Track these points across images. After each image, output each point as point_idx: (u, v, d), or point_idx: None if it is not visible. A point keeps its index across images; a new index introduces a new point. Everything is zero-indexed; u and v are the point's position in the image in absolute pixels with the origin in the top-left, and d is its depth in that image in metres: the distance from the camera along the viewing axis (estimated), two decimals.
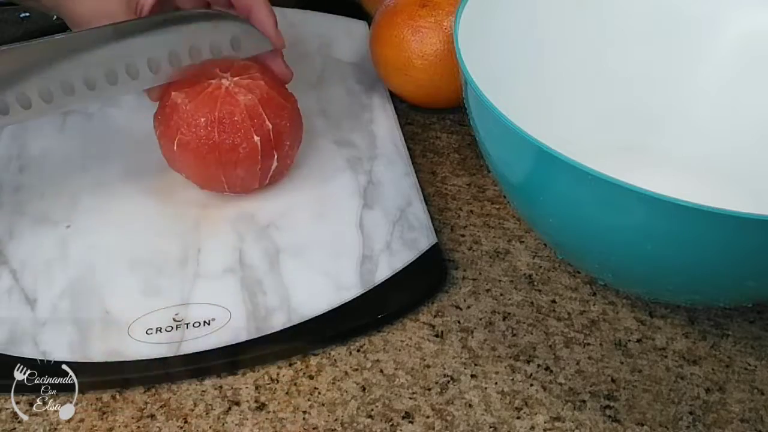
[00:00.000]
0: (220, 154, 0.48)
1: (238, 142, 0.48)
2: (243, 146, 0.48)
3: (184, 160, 0.49)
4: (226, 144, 0.47)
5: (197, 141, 0.47)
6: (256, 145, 0.48)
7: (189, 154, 0.48)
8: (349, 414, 0.41)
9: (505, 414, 0.41)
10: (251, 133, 0.48)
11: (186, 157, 0.49)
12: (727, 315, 0.46)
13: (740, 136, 0.51)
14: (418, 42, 0.56)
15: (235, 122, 0.47)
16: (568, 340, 0.45)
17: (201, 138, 0.47)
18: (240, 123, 0.47)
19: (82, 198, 0.53)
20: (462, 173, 0.56)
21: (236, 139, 0.48)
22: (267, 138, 0.48)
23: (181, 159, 0.49)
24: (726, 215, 0.32)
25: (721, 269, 0.37)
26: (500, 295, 0.47)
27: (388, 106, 0.61)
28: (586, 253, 0.43)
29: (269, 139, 0.48)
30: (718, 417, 0.41)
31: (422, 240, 0.49)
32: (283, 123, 0.49)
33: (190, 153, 0.48)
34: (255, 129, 0.48)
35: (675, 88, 0.53)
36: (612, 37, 0.53)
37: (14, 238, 0.50)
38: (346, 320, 0.45)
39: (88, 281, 0.47)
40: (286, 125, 0.50)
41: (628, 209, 0.35)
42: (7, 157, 0.56)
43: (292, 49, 0.66)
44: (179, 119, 0.48)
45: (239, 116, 0.47)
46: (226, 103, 0.48)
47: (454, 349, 0.44)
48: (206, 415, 0.41)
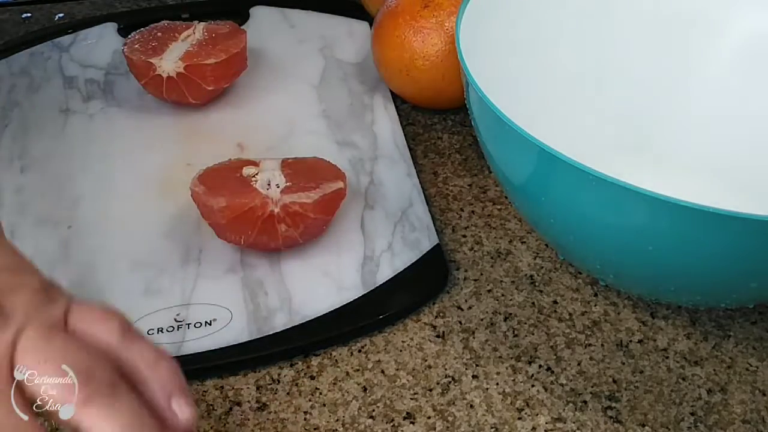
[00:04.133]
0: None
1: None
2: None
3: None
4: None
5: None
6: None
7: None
8: (351, 414, 0.41)
9: (506, 415, 0.41)
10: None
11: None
12: (729, 316, 0.46)
13: (741, 136, 0.51)
14: (420, 42, 0.56)
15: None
16: (569, 341, 0.45)
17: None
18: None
19: (83, 199, 0.53)
20: (464, 174, 0.56)
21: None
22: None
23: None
24: (727, 216, 0.32)
25: (723, 270, 0.37)
26: (502, 295, 0.47)
27: (389, 107, 0.60)
28: (588, 253, 0.43)
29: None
30: (719, 418, 0.41)
31: (424, 240, 0.49)
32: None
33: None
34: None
35: (676, 89, 0.53)
36: (614, 37, 0.53)
37: (16, 239, 0.50)
38: (348, 321, 0.45)
39: (89, 282, 0.47)
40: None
41: (630, 210, 0.35)
42: (9, 158, 0.56)
43: (294, 50, 0.66)
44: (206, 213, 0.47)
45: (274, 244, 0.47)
46: (263, 231, 0.46)
47: (455, 350, 0.44)
48: (207, 415, 0.41)
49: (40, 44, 0.67)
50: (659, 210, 0.34)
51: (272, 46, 0.66)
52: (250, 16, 0.70)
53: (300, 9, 0.71)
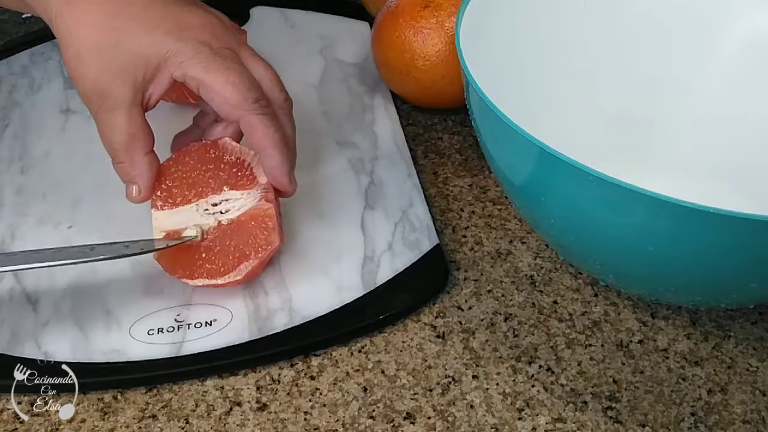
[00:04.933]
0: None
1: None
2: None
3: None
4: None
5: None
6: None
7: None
8: (351, 415, 0.41)
9: (506, 415, 0.41)
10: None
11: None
12: (729, 316, 0.46)
13: (742, 136, 0.51)
14: (420, 43, 0.56)
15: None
16: (570, 341, 0.45)
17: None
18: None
19: (83, 199, 0.53)
20: (464, 174, 0.56)
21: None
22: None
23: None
24: (728, 216, 0.32)
25: (723, 270, 0.37)
26: (502, 296, 0.47)
27: (390, 107, 0.61)
28: (588, 254, 0.43)
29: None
30: (720, 418, 0.41)
31: (424, 241, 0.49)
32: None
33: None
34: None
35: (676, 89, 0.53)
36: (614, 37, 0.53)
37: (16, 239, 0.50)
38: (348, 321, 0.45)
39: (89, 282, 0.47)
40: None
41: (630, 210, 0.35)
42: (9, 159, 0.56)
43: (294, 50, 0.66)
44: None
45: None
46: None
47: (455, 350, 0.44)
48: (208, 415, 0.41)
49: (40, 44, 0.67)
50: (659, 210, 0.34)
51: (272, 46, 0.66)
52: (251, 17, 0.70)
53: (300, 9, 0.71)
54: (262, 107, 0.45)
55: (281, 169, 0.45)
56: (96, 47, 0.43)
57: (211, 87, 0.44)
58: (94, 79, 0.43)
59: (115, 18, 0.43)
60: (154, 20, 0.44)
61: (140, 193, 0.46)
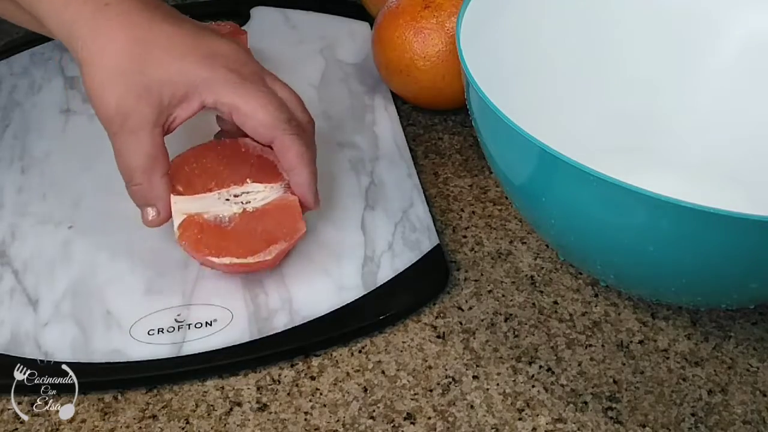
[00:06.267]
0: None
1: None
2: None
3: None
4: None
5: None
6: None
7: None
8: (351, 415, 0.41)
9: (507, 415, 0.41)
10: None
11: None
12: (729, 317, 0.46)
13: (742, 136, 0.51)
14: (421, 43, 0.56)
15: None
16: (570, 342, 0.45)
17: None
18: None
19: (84, 199, 0.53)
20: (464, 174, 0.56)
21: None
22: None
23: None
24: (728, 216, 0.32)
25: (724, 271, 0.37)
26: (502, 296, 0.47)
27: (390, 108, 0.61)
28: (589, 254, 0.43)
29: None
30: (720, 419, 0.41)
31: (424, 241, 0.49)
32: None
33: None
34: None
35: (677, 89, 0.53)
36: (614, 38, 0.53)
37: (17, 239, 0.50)
38: (348, 321, 0.45)
39: (90, 282, 0.47)
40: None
41: (631, 210, 0.35)
42: (9, 158, 0.56)
43: (295, 50, 0.66)
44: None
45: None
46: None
47: (456, 351, 0.44)
48: (208, 416, 0.41)
49: (40, 45, 0.67)
50: (659, 210, 0.34)
51: (273, 46, 0.66)
52: (251, 17, 0.70)
53: (300, 9, 0.71)
54: (293, 127, 0.46)
55: (310, 186, 0.47)
56: (121, 72, 0.44)
57: (244, 111, 0.45)
58: (118, 101, 0.44)
59: (142, 47, 0.44)
60: (182, 49, 0.45)
61: (158, 215, 0.46)
